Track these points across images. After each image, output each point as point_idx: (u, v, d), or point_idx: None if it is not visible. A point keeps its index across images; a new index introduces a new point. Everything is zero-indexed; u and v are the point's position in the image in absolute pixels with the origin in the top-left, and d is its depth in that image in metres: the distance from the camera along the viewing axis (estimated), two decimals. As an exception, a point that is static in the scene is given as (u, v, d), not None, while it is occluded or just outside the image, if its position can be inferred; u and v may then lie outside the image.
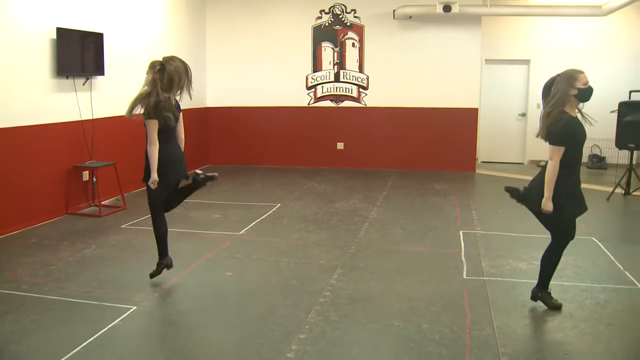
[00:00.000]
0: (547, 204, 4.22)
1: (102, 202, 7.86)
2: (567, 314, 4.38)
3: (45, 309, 4.43)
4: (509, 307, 4.48)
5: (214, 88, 11.77)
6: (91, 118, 7.98)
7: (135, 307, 4.46)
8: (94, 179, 7.92)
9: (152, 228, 5.13)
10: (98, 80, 8.08)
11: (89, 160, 7.90)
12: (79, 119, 7.77)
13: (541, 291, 4.50)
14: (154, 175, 4.74)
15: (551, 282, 4.68)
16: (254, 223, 7.10)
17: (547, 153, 4.29)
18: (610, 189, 9.07)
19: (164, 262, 5.07)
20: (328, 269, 5.37)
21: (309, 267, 5.48)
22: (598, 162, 11.60)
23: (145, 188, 4.98)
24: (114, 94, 8.44)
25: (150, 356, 3.77)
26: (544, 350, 3.81)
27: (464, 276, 5.17)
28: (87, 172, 7.89)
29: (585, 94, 4.23)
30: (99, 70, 7.97)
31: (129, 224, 7.06)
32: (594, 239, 6.39)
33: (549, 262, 4.48)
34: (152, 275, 5.03)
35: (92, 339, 3.91)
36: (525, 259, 5.66)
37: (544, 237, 6.63)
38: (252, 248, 6.10)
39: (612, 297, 4.74)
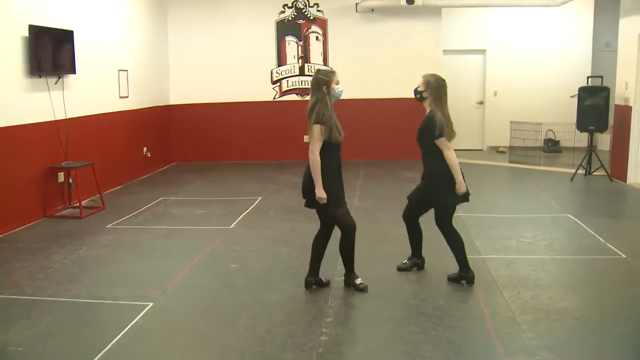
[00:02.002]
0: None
1: (77, 204, 7.76)
2: (568, 284, 4.69)
3: (60, 311, 4.39)
4: (513, 281, 4.74)
5: (177, 85, 11.65)
6: (64, 118, 7.82)
7: (152, 304, 4.47)
8: (70, 180, 7.79)
9: (142, 227, 5.07)
10: (70, 79, 7.92)
11: (64, 161, 7.76)
12: (53, 118, 7.60)
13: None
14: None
15: (545, 257, 4.98)
16: (241, 216, 7.16)
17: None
18: (568, 170, 9.59)
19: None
20: (331, 257, 5.45)
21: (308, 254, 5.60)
22: (553, 145, 12.15)
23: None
24: (86, 92, 8.31)
25: (185, 348, 3.81)
26: (556, 315, 4.07)
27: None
28: (62, 173, 7.74)
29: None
30: (71, 68, 7.82)
31: (114, 224, 6.98)
32: (569, 215, 6.79)
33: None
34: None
35: (119, 336, 3.92)
36: (512, 237, 5.96)
37: (522, 217, 7.05)
38: (248, 240, 6.17)
39: (603, 266, 5.09)
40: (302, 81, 11.41)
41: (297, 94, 11.51)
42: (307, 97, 11.56)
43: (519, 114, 11.73)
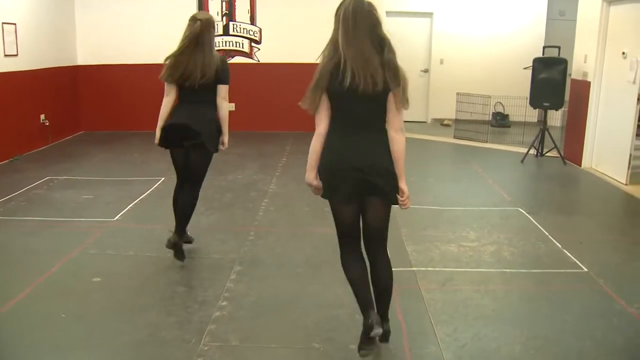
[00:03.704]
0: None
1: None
2: (519, 316, 3.66)
3: None
4: (449, 308, 3.68)
5: (85, 44, 10.07)
6: None
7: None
8: None
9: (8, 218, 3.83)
10: None
11: None
12: None
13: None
14: None
15: (491, 270, 3.95)
16: (131, 205, 5.90)
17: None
18: (518, 150, 8.66)
19: None
20: (223, 266, 4.35)
21: (199, 263, 4.44)
22: (502, 119, 11.22)
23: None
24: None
25: None
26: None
27: (390, 267, 4.33)
28: None
29: None
30: None
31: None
32: (520, 209, 5.79)
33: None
34: None
35: None
36: (453, 240, 4.92)
37: (466, 210, 5.99)
38: (128, 240, 4.93)
39: (559, 283, 4.09)
40: (226, 42, 10.03)
41: (221, 57, 10.13)
42: (233, 60, 10.26)
43: (466, 85, 10.70)
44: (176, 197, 4.52)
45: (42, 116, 8.95)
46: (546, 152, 8.25)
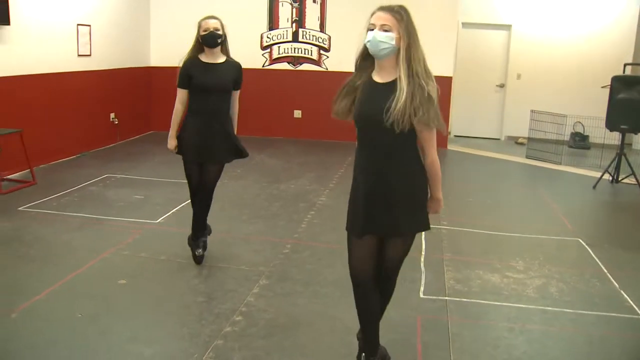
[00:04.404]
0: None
1: (9, 177, 6.68)
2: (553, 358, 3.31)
3: None
4: (475, 346, 3.37)
5: (159, 46, 10.32)
6: (-4, 75, 6.65)
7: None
8: (-1, 148, 6.62)
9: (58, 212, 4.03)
10: (2, 30, 6.69)
11: (-9, 127, 6.60)
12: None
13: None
14: None
15: (531, 307, 3.60)
16: (177, 208, 5.89)
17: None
18: (595, 174, 8.06)
19: None
20: (249, 279, 4.22)
21: (225, 274, 4.32)
22: (581, 140, 10.56)
23: None
24: (23, 47, 7.08)
25: None
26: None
27: (421, 294, 4.05)
28: (-11, 140, 6.57)
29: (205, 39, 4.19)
30: (3, 18, 6.58)
31: (29, 205, 5.80)
32: (581, 241, 5.33)
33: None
34: None
35: None
36: (498, 269, 4.57)
37: (519, 237, 5.57)
38: (164, 243, 4.90)
39: (606, 329, 3.68)
40: (295, 48, 10.00)
41: (289, 63, 10.10)
42: (301, 67, 10.24)
43: (544, 101, 10.16)
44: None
45: (112, 115, 9.21)
46: (622, 179, 7.63)
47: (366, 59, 2.71)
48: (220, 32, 4.18)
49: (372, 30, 2.61)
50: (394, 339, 3.34)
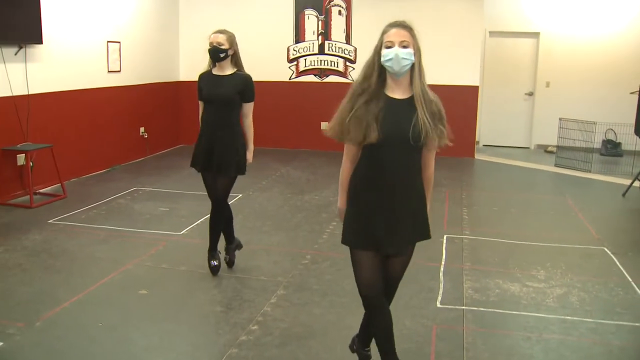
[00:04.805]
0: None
1: (41, 190, 6.89)
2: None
3: None
4: (488, 357, 3.33)
5: (189, 61, 10.51)
6: (26, 93, 6.85)
7: (1, 343, 3.38)
8: (31, 163, 6.82)
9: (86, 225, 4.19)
10: (35, 49, 6.93)
11: (22, 142, 6.81)
12: (10, 94, 6.64)
13: None
14: None
15: (550, 316, 3.54)
16: (201, 220, 5.98)
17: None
18: (625, 181, 7.89)
19: None
20: (267, 289, 4.26)
21: (244, 285, 4.38)
22: (613, 148, 10.36)
23: None
24: (54, 66, 7.31)
25: None
26: None
27: (438, 304, 4.04)
28: (22, 155, 6.78)
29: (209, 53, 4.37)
30: (36, 37, 6.82)
31: (59, 218, 5.97)
32: (606, 250, 5.23)
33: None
34: None
35: None
36: (519, 278, 4.51)
37: (543, 246, 5.50)
38: (186, 255, 4.99)
39: (626, 340, 3.60)
40: (321, 60, 10.07)
41: (315, 75, 10.18)
42: (327, 79, 10.32)
43: (574, 109, 10.03)
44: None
45: (142, 129, 9.41)
46: (653, 187, 7.47)
47: (369, 79, 2.68)
48: (224, 47, 4.27)
49: (391, 47, 2.59)
50: (407, 348, 3.34)
